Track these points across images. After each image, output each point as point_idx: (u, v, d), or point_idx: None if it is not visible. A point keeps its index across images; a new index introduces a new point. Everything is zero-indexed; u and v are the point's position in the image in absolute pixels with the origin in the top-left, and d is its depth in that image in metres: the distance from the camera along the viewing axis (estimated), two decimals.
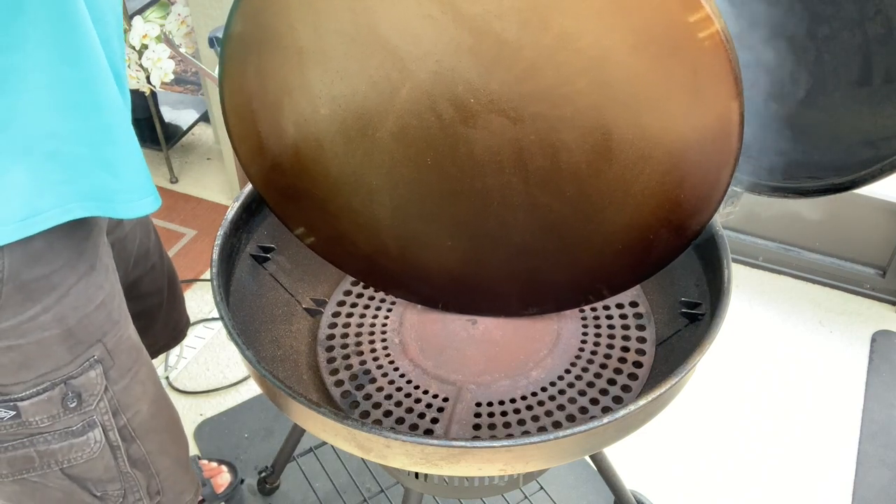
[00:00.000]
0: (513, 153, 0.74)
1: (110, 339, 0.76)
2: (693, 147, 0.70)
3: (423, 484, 0.97)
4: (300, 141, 0.77)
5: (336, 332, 0.97)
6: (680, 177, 0.72)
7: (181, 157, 2.25)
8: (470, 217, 0.81)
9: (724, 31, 0.61)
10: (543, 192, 0.77)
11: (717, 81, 0.64)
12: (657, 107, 0.68)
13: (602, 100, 0.68)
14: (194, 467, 1.39)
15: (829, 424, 1.52)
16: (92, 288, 0.73)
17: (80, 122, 0.65)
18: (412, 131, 0.74)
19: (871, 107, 0.83)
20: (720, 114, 0.66)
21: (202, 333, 1.74)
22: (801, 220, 1.78)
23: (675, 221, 0.77)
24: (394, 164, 0.78)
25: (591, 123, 0.70)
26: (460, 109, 0.71)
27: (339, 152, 0.78)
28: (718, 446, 1.49)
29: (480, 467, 0.72)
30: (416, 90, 0.71)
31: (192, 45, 1.92)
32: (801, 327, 1.72)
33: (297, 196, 0.83)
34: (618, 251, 0.82)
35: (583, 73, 0.66)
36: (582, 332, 0.95)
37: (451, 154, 0.75)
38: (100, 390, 0.75)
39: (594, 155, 0.72)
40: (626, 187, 0.75)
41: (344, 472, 1.33)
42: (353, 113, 0.74)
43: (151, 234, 1.01)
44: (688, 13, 0.60)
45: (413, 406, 0.87)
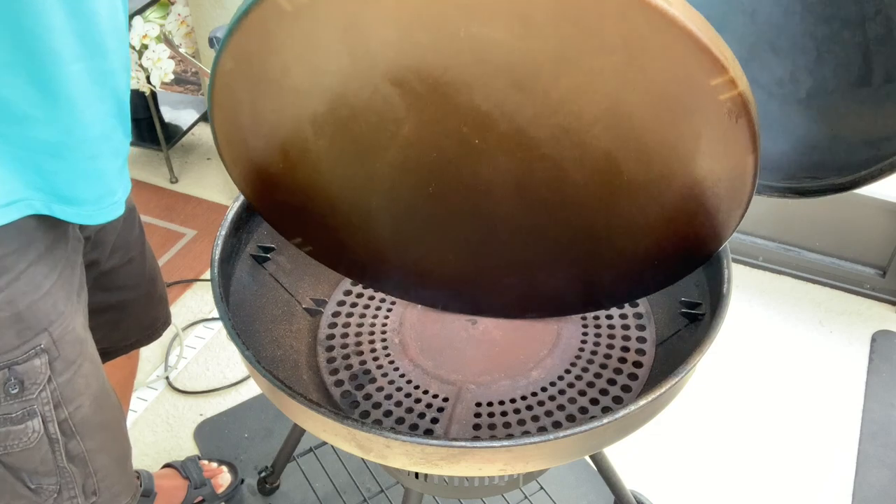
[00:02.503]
0: (519, 187, 0.73)
1: (56, 329, 0.75)
2: (705, 192, 0.69)
3: (423, 484, 0.97)
4: (296, 166, 0.76)
5: (336, 332, 0.97)
6: (690, 216, 0.72)
7: (181, 157, 2.25)
8: (473, 236, 0.81)
9: (746, 91, 0.59)
10: (550, 220, 0.77)
11: (736, 138, 0.62)
12: (671, 156, 0.66)
13: (614, 147, 0.66)
14: (194, 467, 1.39)
15: (829, 424, 1.52)
16: (39, 276, 0.73)
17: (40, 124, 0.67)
18: (414, 163, 0.73)
19: (871, 107, 0.83)
20: (735, 165, 0.65)
21: (202, 333, 1.74)
22: (801, 220, 1.78)
23: (681, 251, 0.78)
24: (395, 189, 0.77)
25: (601, 166, 0.69)
26: (466, 146, 0.70)
27: (338, 176, 0.77)
28: (718, 446, 1.49)
29: (480, 467, 0.72)
30: (420, 127, 0.69)
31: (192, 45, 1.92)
32: (801, 327, 1.72)
33: (294, 211, 0.83)
34: (622, 273, 0.82)
35: (595, 122, 0.65)
36: (582, 332, 0.95)
37: (455, 184, 0.74)
38: (43, 380, 0.75)
39: (602, 192, 0.71)
40: (632, 222, 0.74)
41: (344, 472, 1.33)
42: (352, 145, 0.72)
43: (135, 227, 1.00)
44: (710, 77, 0.58)
45: (413, 406, 0.87)
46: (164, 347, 1.70)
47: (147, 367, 1.66)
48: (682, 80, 0.58)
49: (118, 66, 0.74)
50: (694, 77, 0.58)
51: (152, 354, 1.69)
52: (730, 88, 0.58)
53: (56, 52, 0.65)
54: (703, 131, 0.63)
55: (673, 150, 0.66)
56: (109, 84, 0.72)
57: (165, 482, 1.35)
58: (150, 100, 2.01)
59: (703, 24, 0.55)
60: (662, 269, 0.82)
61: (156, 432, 1.54)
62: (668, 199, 0.71)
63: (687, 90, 0.59)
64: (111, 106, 0.74)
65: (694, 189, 0.69)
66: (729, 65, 0.56)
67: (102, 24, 0.69)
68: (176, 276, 1.87)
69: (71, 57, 0.67)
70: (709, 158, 0.65)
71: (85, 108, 0.70)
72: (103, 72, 0.71)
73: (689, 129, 0.63)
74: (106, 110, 0.73)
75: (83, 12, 0.66)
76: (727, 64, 0.56)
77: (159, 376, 1.64)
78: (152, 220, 2.05)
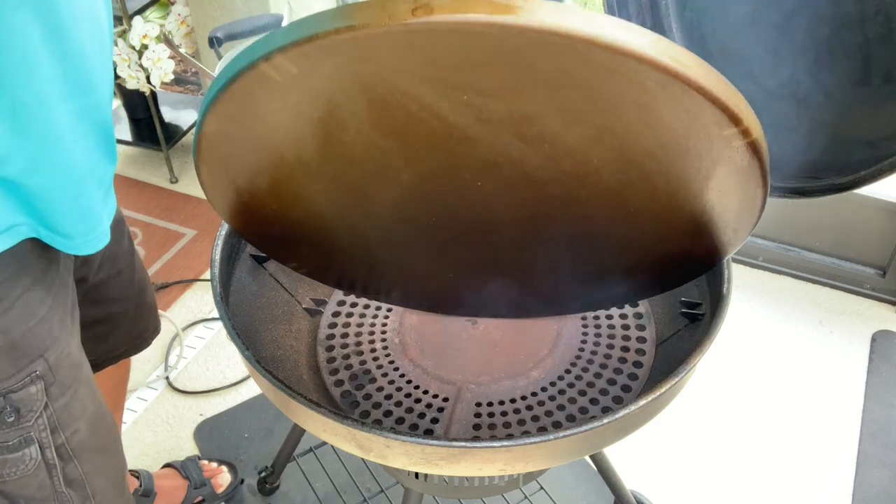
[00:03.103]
0: (523, 219, 0.73)
1: (52, 354, 0.74)
2: (713, 218, 0.69)
3: (423, 484, 0.97)
4: (290, 208, 0.75)
5: (336, 332, 0.97)
6: (695, 236, 0.72)
7: (181, 157, 2.25)
8: (475, 257, 0.81)
9: (760, 138, 0.58)
10: (553, 242, 0.77)
11: (747, 177, 0.62)
12: (679, 192, 0.66)
13: (621, 186, 0.66)
14: (194, 467, 1.39)
15: (829, 424, 1.52)
16: (34, 302, 0.72)
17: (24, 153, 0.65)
18: (415, 202, 0.72)
19: (871, 107, 0.83)
20: (744, 197, 0.65)
21: (202, 333, 1.74)
22: (801, 220, 1.78)
23: (684, 264, 0.78)
24: (394, 223, 0.76)
25: (607, 202, 0.68)
26: (469, 188, 0.68)
27: (334, 214, 0.76)
28: (718, 446, 1.49)
29: (480, 467, 0.72)
30: (421, 174, 0.67)
31: (192, 45, 1.92)
32: (801, 327, 1.72)
33: (288, 242, 0.82)
34: (623, 281, 0.83)
35: (603, 168, 0.64)
36: (582, 332, 0.95)
37: (457, 217, 0.74)
38: (39, 406, 0.74)
39: (607, 220, 0.71)
40: (637, 242, 0.75)
41: (344, 472, 1.33)
42: (349, 189, 0.71)
43: (124, 240, 0.98)
44: (724, 128, 0.57)
45: (413, 406, 0.87)
46: (164, 347, 1.70)
47: (147, 367, 1.66)
48: (693, 131, 0.58)
49: (105, 97, 0.72)
50: (707, 128, 0.57)
51: (152, 354, 1.69)
52: (743, 137, 0.57)
53: (41, 97, 0.64)
54: (714, 172, 0.63)
55: (682, 188, 0.65)
56: (95, 117, 0.71)
57: (165, 482, 1.35)
58: (150, 100, 2.01)
59: (715, 78, 0.53)
60: (664, 277, 0.83)
61: (156, 432, 1.54)
62: (674, 225, 0.71)
63: (699, 139, 0.59)
64: (97, 137, 0.72)
65: (702, 216, 0.69)
66: (743, 115, 0.55)
67: (89, 60, 0.67)
68: (176, 276, 1.87)
69: (56, 99, 0.65)
70: (717, 192, 0.65)
71: (71, 148, 0.68)
72: (89, 107, 0.69)
73: (700, 171, 0.63)
74: (92, 144, 0.71)
75: (69, 53, 0.64)
76: (741, 115, 0.55)
77: (159, 376, 1.64)
78: (152, 220, 2.05)
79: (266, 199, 0.74)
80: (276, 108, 0.60)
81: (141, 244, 1.98)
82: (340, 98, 0.59)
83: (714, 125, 0.56)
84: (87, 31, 0.67)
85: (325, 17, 0.52)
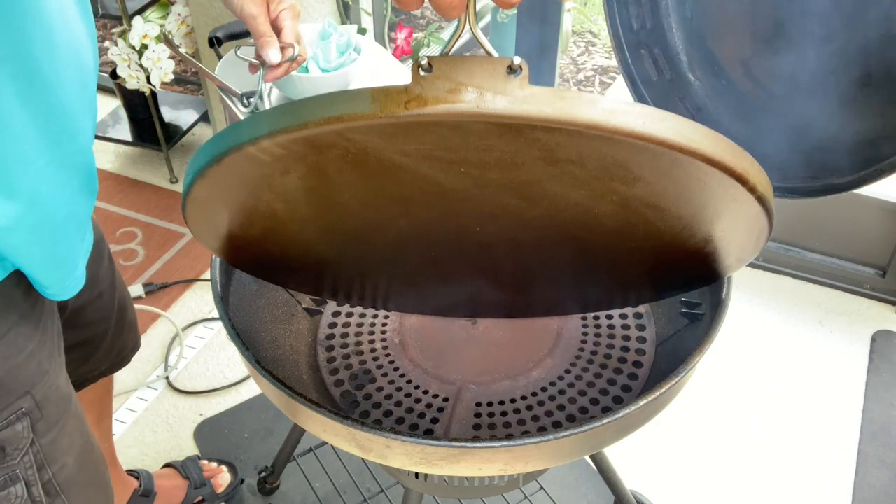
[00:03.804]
0: (524, 252, 0.72)
1: (39, 391, 0.71)
2: (716, 249, 0.69)
3: (423, 484, 0.97)
4: (284, 250, 0.74)
5: (336, 332, 0.97)
6: (697, 262, 0.72)
7: (181, 157, 2.25)
8: (475, 276, 0.81)
9: (766, 191, 0.57)
10: (554, 263, 0.77)
11: (752, 221, 0.62)
12: (683, 232, 0.66)
13: (624, 227, 0.66)
14: (194, 467, 1.39)
15: (829, 424, 1.52)
16: (22, 337, 0.69)
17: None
18: (412, 242, 0.71)
19: (871, 107, 0.83)
20: (749, 236, 0.65)
21: (202, 333, 1.74)
22: (801, 220, 1.78)
23: (686, 280, 0.79)
24: (393, 256, 0.76)
25: (609, 239, 0.68)
26: (467, 231, 0.68)
27: (331, 252, 0.75)
28: (718, 446, 1.49)
29: (480, 467, 0.72)
30: (417, 223, 0.67)
31: (192, 45, 1.92)
32: (801, 327, 1.72)
33: (282, 271, 0.82)
34: (623, 292, 0.84)
35: (605, 216, 0.64)
36: (582, 332, 0.95)
37: (455, 251, 0.73)
38: (25, 444, 0.71)
39: (608, 251, 0.71)
40: (638, 267, 0.75)
41: (344, 472, 1.33)
42: (345, 234, 0.70)
43: (104, 259, 0.96)
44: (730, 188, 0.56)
45: (413, 406, 0.87)
46: (164, 347, 1.70)
47: (147, 367, 1.66)
48: (699, 190, 0.58)
49: (87, 140, 0.70)
50: (712, 188, 0.57)
51: (152, 354, 1.69)
52: (750, 192, 0.56)
53: (16, 156, 0.61)
54: (719, 218, 0.63)
55: (685, 230, 0.65)
56: (78, 162, 0.68)
57: (165, 482, 1.35)
58: (150, 100, 2.01)
59: (720, 144, 0.52)
60: (663, 289, 0.84)
61: (156, 432, 1.54)
62: (676, 255, 0.71)
63: (704, 195, 0.59)
64: (79, 181, 0.70)
65: (704, 250, 0.69)
66: (749, 175, 0.54)
67: (71, 108, 0.65)
68: (176, 276, 1.87)
69: (34, 156, 0.62)
70: (722, 231, 0.65)
71: (49, 201, 0.65)
72: (71, 154, 0.67)
73: (704, 218, 0.63)
74: (73, 188, 0.69)
75: (49, 107, 0.62)
76: (747, 175, 0.54)
77: (159, 376, 1.64)
78: (152, 220, 2.05)
79: (258, 243, 0.73)
80: (265, 178, 0.59)
81: (141, 244, 1.98)
82: (332, 169, 0.57)
83: (719, 186, 0.56)
84: (70, 80, 0.64)
85: (314, 105, 0.50)
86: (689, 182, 0.56)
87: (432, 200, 0.62)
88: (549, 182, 0.57)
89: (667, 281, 0.81)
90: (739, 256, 0.70)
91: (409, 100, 0.47)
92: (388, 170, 0.56)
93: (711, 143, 0.51)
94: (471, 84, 0.47)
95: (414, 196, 0.61)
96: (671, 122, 0.49)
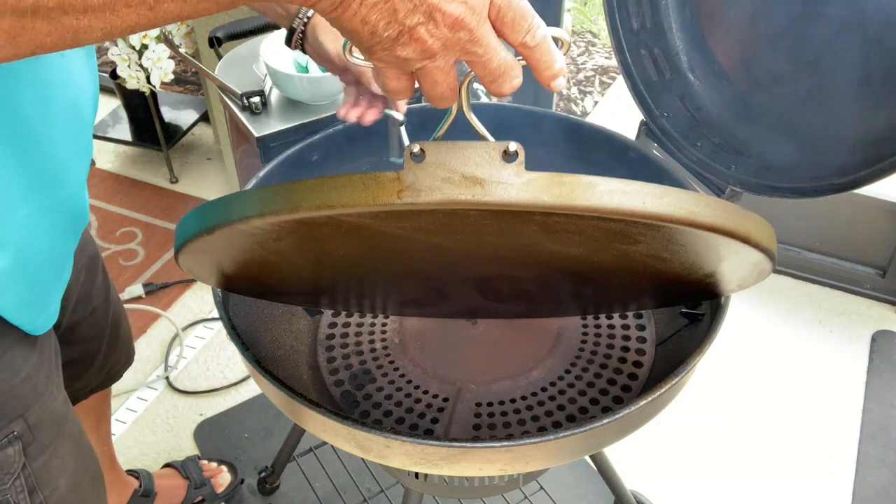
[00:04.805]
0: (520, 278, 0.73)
1: (33, 414, 0.70)
2: (718, 281, 0.70)
3: (423, 484, 0.97)
4: (280, 285, 0.75)
5: (336, 332, 0.97)
6: (699, 288, 0.73)
7: (181, 157, 2.25)
8: (475, 298, 0.82)
9: (771, 248, 0.58)
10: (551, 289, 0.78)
11: (755, 265, 0.62)
12: (686, 274, 0.66)
13: (625, 270, 0.66)
14: (194, 467, 1.39)
15: (829, 424, 1.52)
16: (18, 360, 0.68)
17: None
18: (408, 280, 0.72)
19: (871, 107, 0.83)
20: (751, 274, 0.66)
21: (202, 333, 1.74)
22: (801, 220, 1.78)
23: (686, 297, 0.80)
24: (388, 288, 0.76)
25: (611, 278, 0.69)
26: (461, 266, 0.68)
27: (326, 284, 0.76)
28: (718, 446, 1.49)
29: (480, 467, 0.72)
30: (413, 267, 0.67)
31: (192, 45, 1.92)
32: (801, 327, 1.72)
33: (277, 294, 0.83)
34: (623, 304, 0.85)
35: (607, 267, 0.64)
36: (582, 332, 0.95)
37: (451, 280, 0.74)
38: (17, 469, 0.69)
39: (608, 281, 0.72)
40: (638, 290, 0.76)
41: (344, 472, 1.33)
42: (338, 270, 0.70)
43: (97, 275, 0.95)
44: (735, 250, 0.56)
45: (413, 406, 0.87)
46: (164, 347, 1.70)
47: (147, 368, 1.66)
48: (703, 249, 0.58)
49: (79, 184, 0.68)
50: (715, 247, 0.57)
51: (152, 354, 1.69)
52: (754, 247, 0.56)
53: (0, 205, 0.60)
54: (720, 264, 0.63)
55: (687, 271, 0.66)
56: (67, 208, 0.67)
57: (165, 482, 1.35)
58: (150, 100, 2.01)
59: (724, 212, 0.52)
60: (664, 304, 0.86)
61: (156, 432, 1.54)
62: (678, 285, 0.72)
63: (707, 252, 0.59)
64: (64, 225, 0.68)
65: (706, 280, 0.69)
66: (752, 235, 0.55)
67: (62, 156, 0.64)
68: (176, 276, 1.87)
69: (19, 204, 0.61)
70: (724, 269, 0.66)
71: (30, 246, 0.64)
72: (60, 199, 0.66)
73: (706, 264, 0.63)
74: (57, 232, 0.68)
75: (37, 156, 0.61)
76: (751, 236, 0.55)
77: (159, 376, 1.64)
78: (152, 220, 2.05)
79: (253, 279, 0.73)
80: (258, 243, 0.59)
81: (141, 244, 1.98)
82: (325, 238, 0.57)
83: (722, 245, 0.56)
84: (64, 131, 0.63)
85: (305, 190, 0.48)
86: (692, 244, 0.56)
87: (429, 255, 0.61)
88: (547, 243, 0.57)
89: (667, 299, 0.82)
90: (741, 284, 0.71)
91: (401, 189, 0.46)
92: (383, 237, 0.56)
93: (714, 212, 0.51)
94: (466, 171, 0.46)
95: (409, 252, 0.61)
96: (672, 197, 0.49)
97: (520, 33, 0.46)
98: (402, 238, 0.56)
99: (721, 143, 0.95)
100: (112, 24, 0.36)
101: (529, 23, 0.46)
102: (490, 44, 0.45)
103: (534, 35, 0.46)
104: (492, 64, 0.46)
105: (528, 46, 0.47)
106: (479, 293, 0.78)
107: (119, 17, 0.36)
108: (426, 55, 0.44)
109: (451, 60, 0.46)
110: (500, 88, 0.48)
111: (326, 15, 0.42)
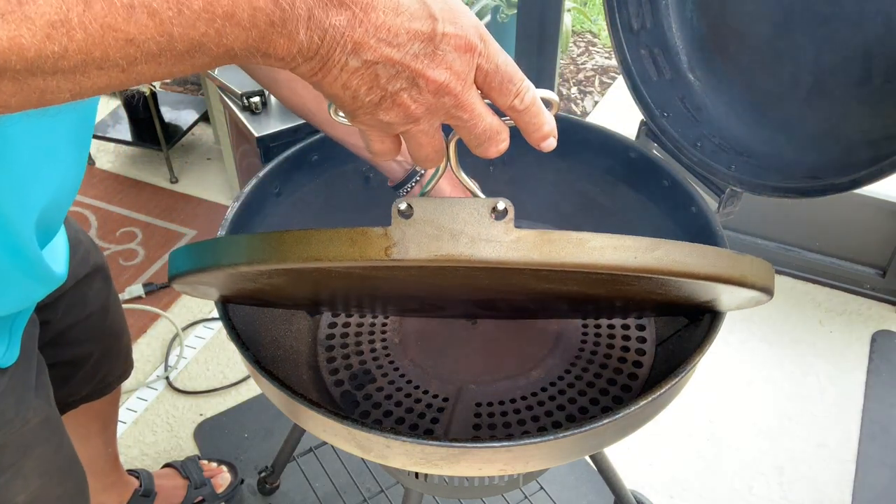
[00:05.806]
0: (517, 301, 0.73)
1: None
2: (717, 305, 0.71)
3: (423, 484, 0.97)
4: (277, 300, 0.74)
5: (336, 332, 0.97)
6: (699, 309, 0.74)
7: (181, 157, 2.25)
8: (470, 310, 0.83)
9: (769, 286, 0.58)
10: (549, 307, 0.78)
11: (753, 298, 0.63)
12: (685, 300, 0.67)
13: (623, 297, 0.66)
14: (194, 467, 1.39)
15: (829, 424, 1.52)
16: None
17: None
18: (405, 300, 0.72)
19: (871, 107, 0.83)
20: (750, 300, 0.66)
21: (202, 333, 1.74)
22: (801, 220, 1.78)
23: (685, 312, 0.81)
24: (385, 304, 0.77)
25: (611, 300, 0.69)
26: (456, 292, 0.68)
27: (324, 299, 0.76)
28: (718, 446, 1.49)
29: (480, 467, 0.72)
30: (408, 293, 0.67)
31: None
32: (801, 327, 1.72)
33: (275, 304, 0.83)
34: (623, 314, 0.86)
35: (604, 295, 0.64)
36: (582, 332, 0.95)
37: (447, 302, 0.75)
38: None
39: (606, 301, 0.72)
40: (638, 307, 0.76)
41: (344, 472, 1.33)
42: (336, 288, 0.70)
43: (95, 281, 0.94)
44: (732, 291, 0.57)
45: (413, 406, 0.87)
46: (164, 347, 1.70)
47: (147, 368, 1.66)
48: (700, 290, 0.58)
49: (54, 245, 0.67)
50: (711, 289, 0.58)
51: (152, 354, 1.69)
52: (750, 288, 0.57)
53: None
54: (719, 297, 0.64)
55: (685, 300, 0.66)
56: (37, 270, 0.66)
57: (165, 482, 1.35)
58: (150, 100, 2.01)
59: (717, 259, 0.52)
60: (664, 315, 0.87)
61: (156, 432, 1.54)
62: (677, 307, 0.73)
63: (705, 292, 0.60)
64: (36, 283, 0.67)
65: (705, 304, 0.70)
66: (748, 277, 0.55)
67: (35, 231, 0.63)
68: None
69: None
70: (722, 301, 0.66)
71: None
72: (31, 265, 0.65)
73: (704, 297, 0.64)
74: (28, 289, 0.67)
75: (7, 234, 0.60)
76: (746, 279, 0.55)
77: (159, 376, 1.64)
78: (152, 220, 2.05)
79: (248, 298, 0.74)
80: (249, 280, 0.59)
81: (141, 244, 1.98)
82: (313, 276, 0.57)
83: (719, 288, 0.56)
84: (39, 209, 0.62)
85: (293, 242, 0.48)
86: (688, 286, 0.57)
87: (422, 288, 0.62)
88: (540, 286, 0.57)
89: (667, 312, 0.83)
90: (740, 307, 0.72)
91: (389, 245, 0.46)
92: (375, 279, 0.56)
93: (707, 262, 0.51)
94: (454, 229, 0.46)
95: (403, 287, 0.61)
96: (663, 250, 0.48)
97: (508, 97, 0.45)
98: (394, 279, 0.56)
99: (721, 143, 0.95)
100: (82, 86, 0.34)
101: (518, 86, 0.44)
102: (475, 109, 0.44)
103: (522, 98, 0.45)
104: (477, 129, 0.45)
105: (517, 110, 0.45)
106: (477, 307, 0.79)
107: (89, 80, 0.34)
108: (409, 120, 0.43)
109: (435, 124, 0.45)
110: (485, 152, 0.46)
111: (308, 79, 0.40)
